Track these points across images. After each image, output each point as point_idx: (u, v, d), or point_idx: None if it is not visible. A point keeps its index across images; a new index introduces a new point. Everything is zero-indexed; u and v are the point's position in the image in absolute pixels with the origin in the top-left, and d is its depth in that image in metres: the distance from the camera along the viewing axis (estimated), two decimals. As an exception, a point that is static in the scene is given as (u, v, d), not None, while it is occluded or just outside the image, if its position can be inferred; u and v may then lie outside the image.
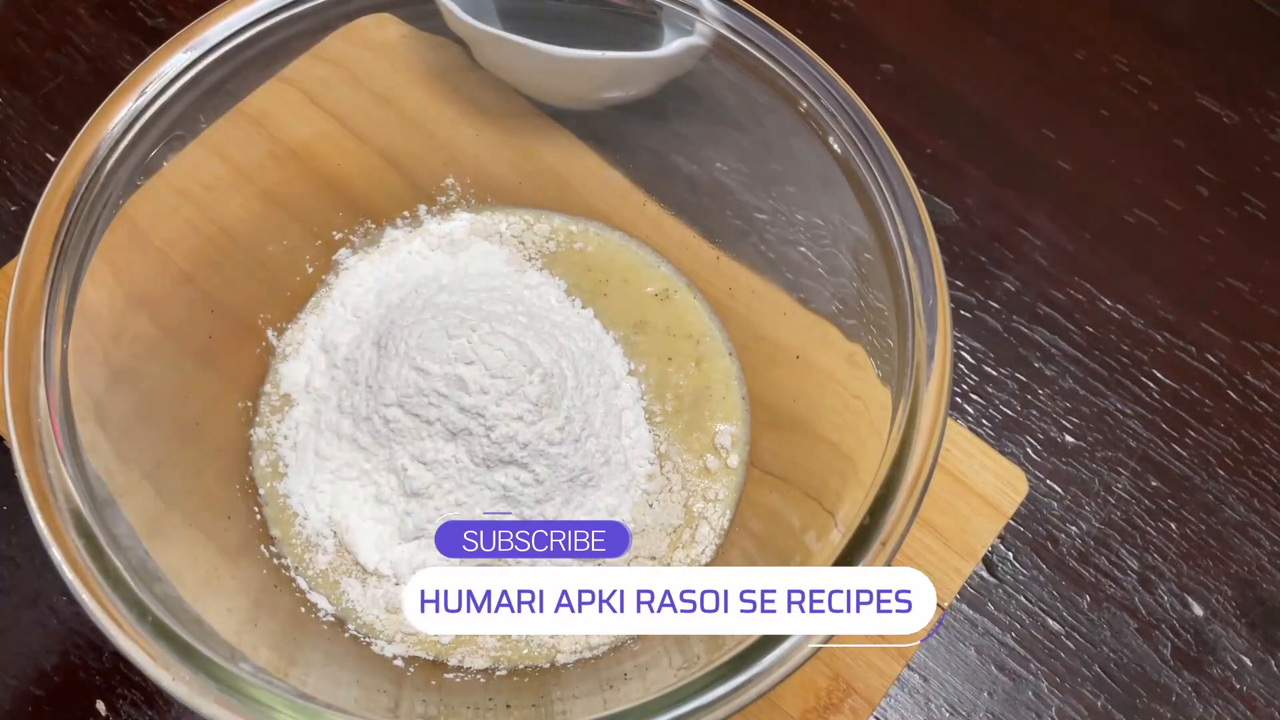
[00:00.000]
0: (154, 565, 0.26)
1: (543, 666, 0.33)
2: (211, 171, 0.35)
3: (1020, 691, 0.38)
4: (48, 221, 0.28)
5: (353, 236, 0.40)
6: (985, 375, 0.44)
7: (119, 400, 0.30)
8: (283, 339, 0.38)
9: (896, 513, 0.26)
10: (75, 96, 0.47)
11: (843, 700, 0.35)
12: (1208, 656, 0.39)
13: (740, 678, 0.24)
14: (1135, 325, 0.45)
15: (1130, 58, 0.52)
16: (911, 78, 0.51)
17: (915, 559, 0.38)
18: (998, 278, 0.46)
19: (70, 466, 0.26)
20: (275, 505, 0.36)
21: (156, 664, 0.24)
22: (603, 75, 0.36)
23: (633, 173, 0.40)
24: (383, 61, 0.37)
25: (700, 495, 0.37)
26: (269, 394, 0.37)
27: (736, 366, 0.39)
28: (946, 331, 0.28)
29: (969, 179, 0.48)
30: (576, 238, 0.41)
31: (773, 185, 0.36)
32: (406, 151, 0.40)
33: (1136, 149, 0.50)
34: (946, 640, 0.39)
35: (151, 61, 0.30)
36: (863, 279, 0.31)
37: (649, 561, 0.35)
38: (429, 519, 0.34)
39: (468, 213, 0.41)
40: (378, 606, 0.34)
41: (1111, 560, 0.41)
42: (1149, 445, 0.43)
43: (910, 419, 0.27)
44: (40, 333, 0.27)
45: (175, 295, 0.34)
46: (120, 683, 0.36)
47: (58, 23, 0.48)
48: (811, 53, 0.32)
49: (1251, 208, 0.48)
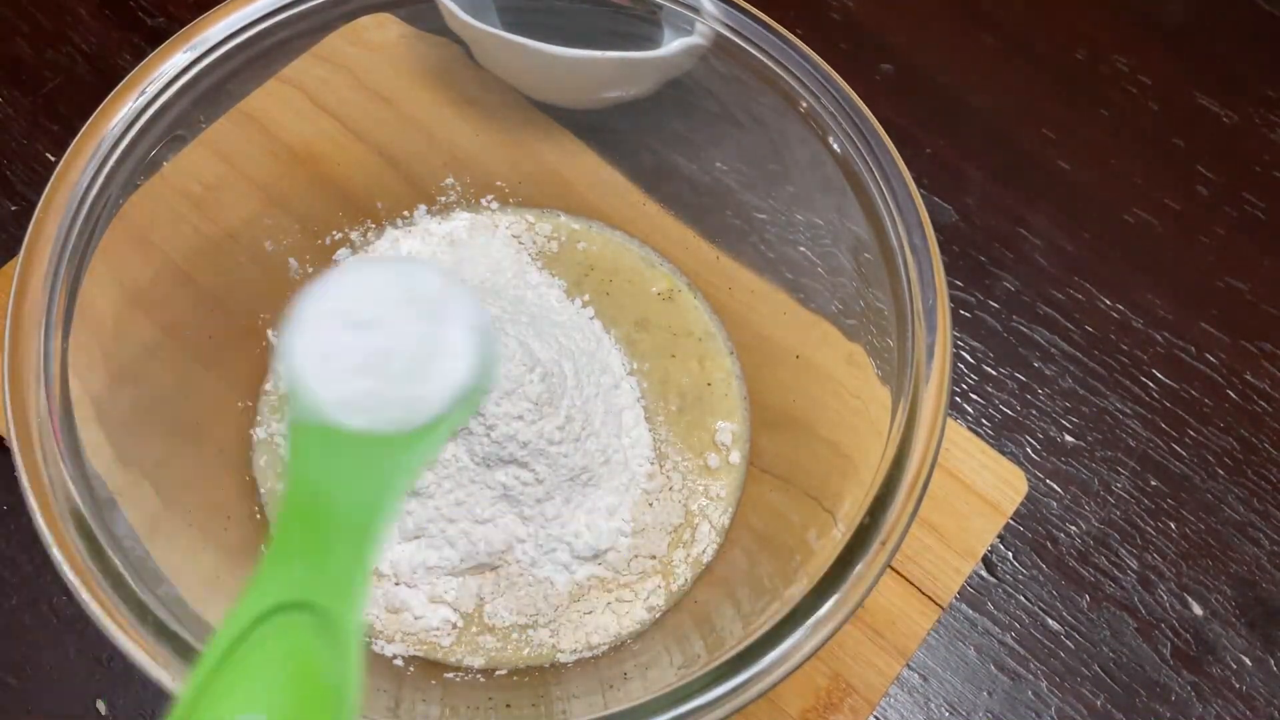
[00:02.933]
0: (154, 565, 0.26)
1: (543, 666, 0.33)
2: (212, 171, 0.35)
3: (1020, 691, 0.38)
4: (48, 221, 0.28)
5: (353, 236, 0.40)
6: (985, 375, 0.44)
7: (119, 400, 0.30)
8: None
9: (896, 512, 0.26)
10: (75, 96, 0.47)
11: (842, 699, 0.35)
12: (1207, 656, 0.39)
13: (740, 677, 0.24)
14: (1135, 325, 0.45)
15: (1130, 57, 0.52)
16: (911, 78, 0.51)
17: (915, 558, 0.38)
18: (997, 277, 0.46)
19: (70, 467, 0.26)
20: (276, 505, 0.36)
21: (157, 664, 0.24)
22: (603, 75, 0.36)
23: (632, 172, 0.40)
24: (383, 61, 0.37)
25: (701, 494, 0.37)
26: (269, 394, 0.37)
27: (737, 365, 0.39)
28: (946, 331, 0.28)
29: (969, 179, 0.48)
30: (579, 237, 0.41)
31: (772, 185, 0.36)
32: (406, 151, 0.40)
33: (1136, 149, 0.50)
34: (946, 639, 0.39)
35: (151, 61, 0.30)
36: (862, 279, 0.31)
37: (649, 561, 0.35)
38: (429, 518, 0.34)
39: (467, 212, 0.41)
40: (377, 606, 0.34)
41: (1111, 560, 0.41)
42: (1148, 445, 0.43)
43: (910, 418, 0.27)
44: (40, 333, 0.27)
45: (175, 295, 0.34)
46: (121, 683, 0.36)
47: (58, 22, 0.48)
48: (811, 53, 0.32)
49: (1251, 207, 0.48)
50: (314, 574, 0.18)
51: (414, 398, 0.19)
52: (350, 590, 0.18)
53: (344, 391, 0.19)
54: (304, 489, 0.18)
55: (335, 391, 0.19)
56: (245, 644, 0.17)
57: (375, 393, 0.19)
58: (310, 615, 0.17)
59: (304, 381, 0.19)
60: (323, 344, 0.19)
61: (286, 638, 0.17)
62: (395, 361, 0.19)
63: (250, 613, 0.17)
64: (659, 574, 0.35)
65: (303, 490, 0.18)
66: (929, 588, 0.37)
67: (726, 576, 0.35)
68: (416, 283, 0.20)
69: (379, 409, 0.19)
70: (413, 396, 0.19)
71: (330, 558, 0.18)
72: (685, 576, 0.35)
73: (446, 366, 0.19)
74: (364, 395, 0.19)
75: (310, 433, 0.19)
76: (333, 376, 0.19)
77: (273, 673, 0.17)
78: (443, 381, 0.19)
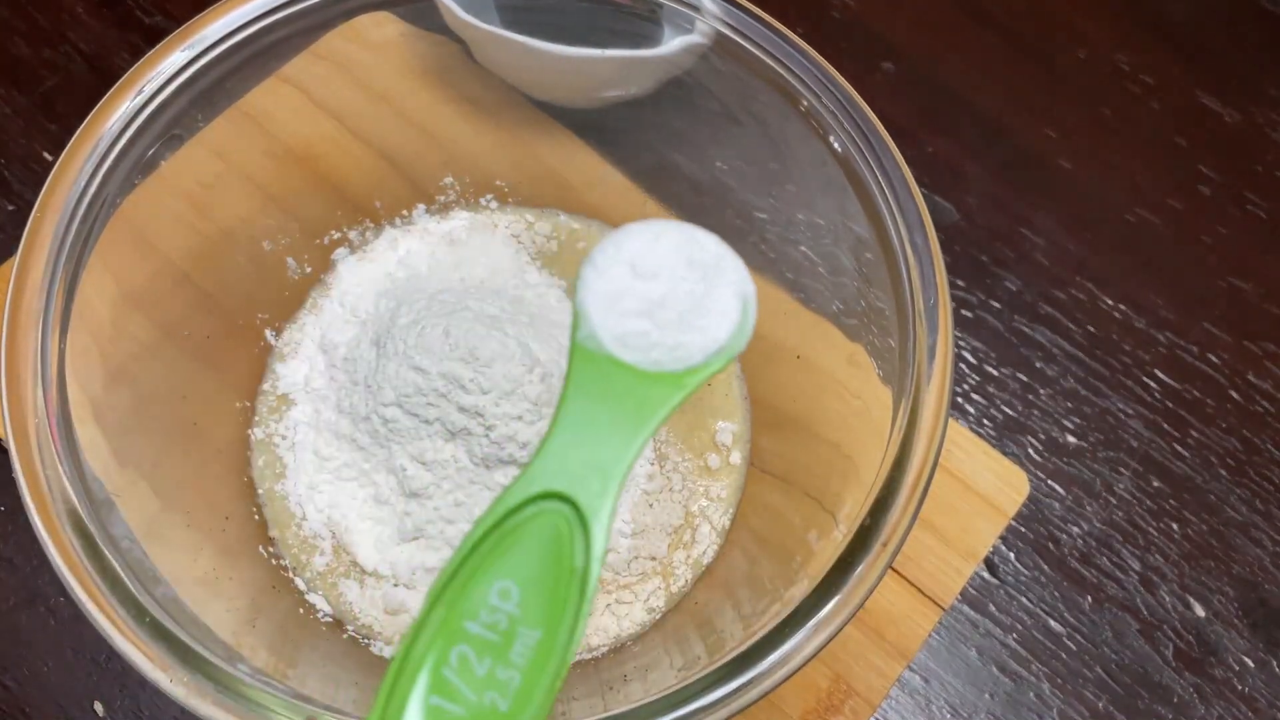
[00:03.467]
0: (152, 566, 0.26)
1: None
2: (210, 170, 0.34)
3: (1021, 693, 0.38)
4: (45, 221, 0.28)
5: (351, 235, 0.40)
6: (986, 375, 0.44)
7: (117, 400, 0.30)
8: (281, 339, 0.38)
9: (898, 513, 0.26)
10: (73, 95, 0.46)
11: (843, 701, 0.35)
12: (1210, 658, 0.39)
13: (741, 679, 0.24)
14: (1137, 325, 0.45)
15: (1132, 56, 0.52)
16: (913, 76, 0.51)
17: (916, 559, 0.37)
18: (999, 277, 0.46)
19: (68, 467, 0.26)
20: (274, 506, 0.35)
21: (154, 665, 0.24)
22: (603, 74, 0.36)
23: (633, 171, 0.40)
24: (382, 60, 0.37)
25: (702, 494, 0.37)
26: (267, 394, 0.37)
27: (738, 365, 0.39)
28: (948, 331, 0.28)
29: (970, 178, 0.48)
30: (578, 237, 0.41)
31: (773, 184, 0.36)
32: (405, 150, 0.40)
33: (1138, 148, 0.50)
34: (947, 641, 0.39)
35: (149, 60, 0.30)
36: (863, 278, 0.31)
37: (649, 562, 0.35)
38: (428, 519, 0.34)
39: (467, 212, 0.41)
40: (376, 608, 0.34)
41: (1113, 561, 0.41)
42: (1151, 445, 0.43)
43: (911, 419, 0.27)
44: (37, 333, 0.27)
45: (173, 295, 0.34)
46: (118, 683, 0.36)
47: (55, 21, 0.48)
48: (812, 51, 0.32)
49: (1253, 207, 0.48)
50: (577, 472, 0.21)
51: (679, 344, 0.22)
52: (604, 491, 0.21)
53: (622, 328, 0.22)
54: (577, 401, 0.22)
55: (615, 326, 0.22)
56: (512, 519, 0.21)
57: (647, 334, 0.22)
58: (569, 506, 0.21)
59: (591, 313, 0.22)
60: (613, 284, 0.22)
61: (546, 521, 0.21)
62: (669, 310, 0.22)
63: (519, 495, 0.21)
64: (659, 575, 0.35)
65: (576, 402, 0.22)
66: (930, 589, 0.37)
67: (727, 578, 0.34)
68: (699, 247, 0.23)
69: (648, 349, 0.22)
70: (679, 343, 0.22)
71: (591, 462, 0.21)
72: (685, 578, 0.35)
73: (712, 323, 0.22)
74: (638, 335, 0.22)
75: (589, 356, 0.22)
76: (616, 313, 0.22)
77: (529, 549, 0.20)
78: (706, 335, 0.22)
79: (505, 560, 0.20)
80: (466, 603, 0.20)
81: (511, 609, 0.20)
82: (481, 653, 0.20)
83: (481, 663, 0.20)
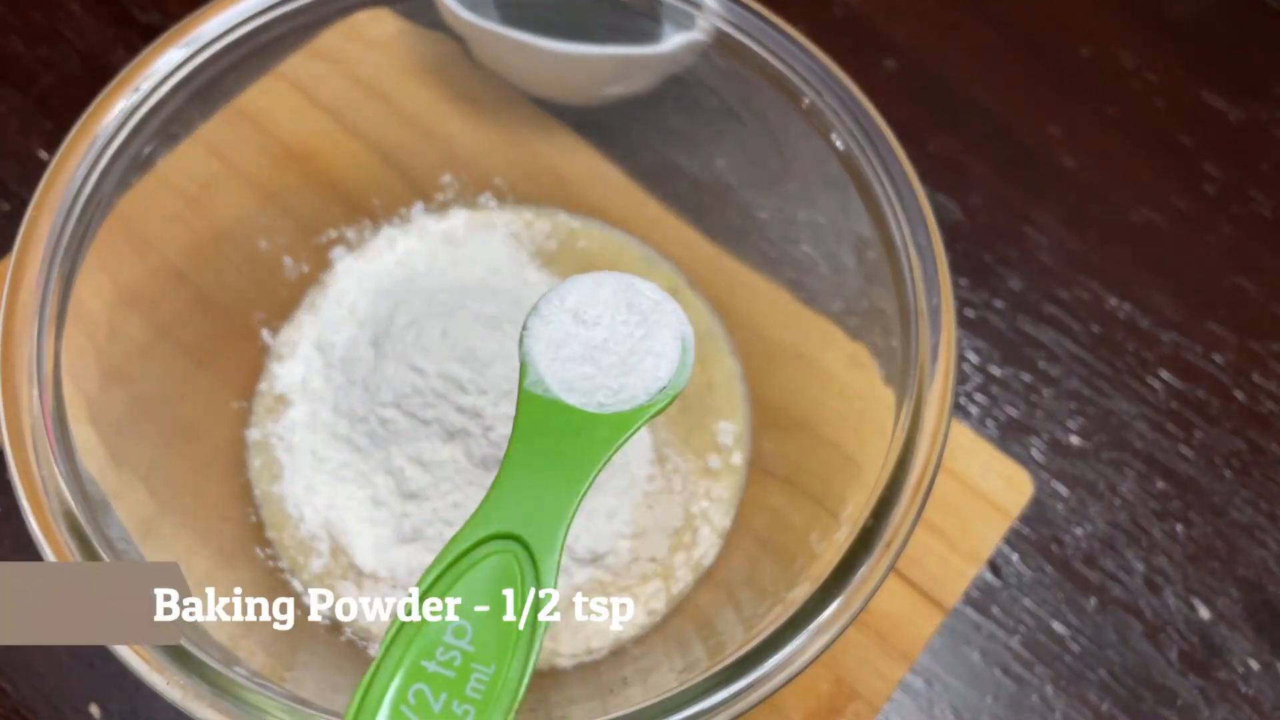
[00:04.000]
0: (147, 568, 0.26)
1: (541, 671, 0.33)
2: (206, 169, 0.34)
3: (1025, 695, 0.38)
4: (41, 220, 0.28)
5: (349, 234, 0.40)
6: (989, 375, 0.44)
7: (112, 401, 0.30)
8: (278, 338, 0.38)
9: (900, 515, 0.26)
10: (68, 93, 0.46)
11: (845, 704, 0.35)
12: (1214, 660, 0.39)
13: (742, 682, 0.24)
14: (1141, 325, 0.45)
15: (1136, 54, 0.51)
16: (915, 74, 0.51)
17: (919, 561, 0.37)
18: (1002, 277, 0.46)
19: (63, 468, 0.26)
20: (271, 507, 0.35)
21: (151, 668, 0.24)
22: (602, 71, 0.36)
23: (633, 170, 0.40)
24: (379, 57, 0.37)
25: (702, 496, 0.36)
26: (264, 394, 0.37)
27: (739, 365, 0.39)
28: (951, 331, 0.28)
29: (973, 176, 0.48)
30: (578, 236, 0.41)
31: (774, 183, 0.36)
32: (403, 148, 0.39)
33: (1142, 146, 0.49)
34: (950, 643, 0.38)
35: (145, 58, 0.30)
36: (866, 278, 0.31)
37: (650, 564, 0.35)
38: (426, 520, 0.33)
39: (465, 210, 0.41)
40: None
41: (1117, 562, 0.40)
42: (1155, 446, 0.43)
43: (914, 420, 0.27)
44: (33, 332, 0.27)
45: (169, 294, 0.34)
46: (114, 686, 0.36)
47: (51, 19, 0.48)
48: (814, 48, 0.31)
49: (1258, 206, 0.48)
50: (527, 513, 0.22)
51: (622, 386, 0.24)
52: (554, 530, 0.22)
53: (566, 373, 0.24)
54: (525, 444, 0.23)
55: (560, 372, 0.24)
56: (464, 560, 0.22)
57: (591, 378, 0.24)
58: (519, 546, 0.22)
59: (538, 360, 0.24)
60: (557, 332, 0.24)
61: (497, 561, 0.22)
62: (611, 354, 0.24)
63: (471, 538, 0.22)
64: (659, 577, 0.35)
65: (524, 445, 0.23)
66: (933, 591, 0.37)
67: (728, 580, 0.34)
68: (637, 293, 0.25)
69: (593, 392, 0.24)
70: (621, 385, 0.24)
71: (540, 503, 0.22)
72: (686, 580, 0.35)
73: (652, 364, 0.24)
74: (583, 379, 0.24)
75: (536, 401, 0.24)
76: (560, 360, 0.24)
77: (482, 588, 0.22)
78: (647, 376, 0.24)
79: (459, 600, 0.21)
80: (423, 642, 0.21)
81: (466, 646, 0.21)
82: (438, 690, 0.21)
83: (438, 699, 0.20)
